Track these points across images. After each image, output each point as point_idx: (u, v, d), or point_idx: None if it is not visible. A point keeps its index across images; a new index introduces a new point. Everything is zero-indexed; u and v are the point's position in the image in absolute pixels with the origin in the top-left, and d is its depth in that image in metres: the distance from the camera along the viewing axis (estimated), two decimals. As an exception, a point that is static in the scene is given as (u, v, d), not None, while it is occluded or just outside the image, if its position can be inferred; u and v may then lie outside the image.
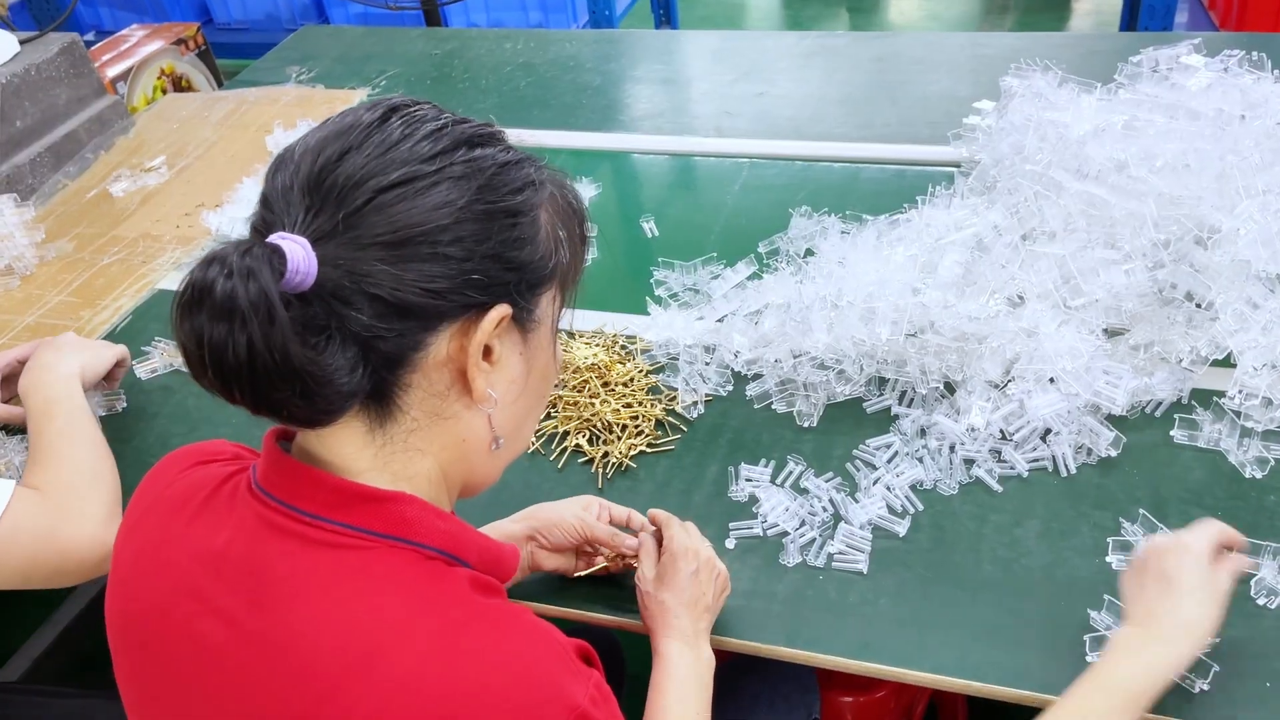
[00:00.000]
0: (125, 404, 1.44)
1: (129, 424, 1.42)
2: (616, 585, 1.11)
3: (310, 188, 0.66)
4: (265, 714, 0.66)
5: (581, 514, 1.07)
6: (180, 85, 2.75)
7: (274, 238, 0.63)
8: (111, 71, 2.51)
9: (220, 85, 2.82)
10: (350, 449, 0.70)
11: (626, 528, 1.10)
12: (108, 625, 0.77)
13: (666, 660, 0.95)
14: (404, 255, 0.65)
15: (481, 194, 0.68)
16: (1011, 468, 1.17)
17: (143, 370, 1.48)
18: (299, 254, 0.62)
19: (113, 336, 1.57)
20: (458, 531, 0.73)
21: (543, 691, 0.65)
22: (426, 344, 0.68)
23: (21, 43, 1.94)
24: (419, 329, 0.67)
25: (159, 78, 2.68)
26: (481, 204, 0.68)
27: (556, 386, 1.34)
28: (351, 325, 0.64)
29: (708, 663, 0.97)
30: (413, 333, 0.67)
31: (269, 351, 0.61)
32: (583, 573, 1.10)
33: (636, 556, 1.05)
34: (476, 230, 0.67)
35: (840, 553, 1.10)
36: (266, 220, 0.67)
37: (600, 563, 1.10)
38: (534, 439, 1.29)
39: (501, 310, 0.70)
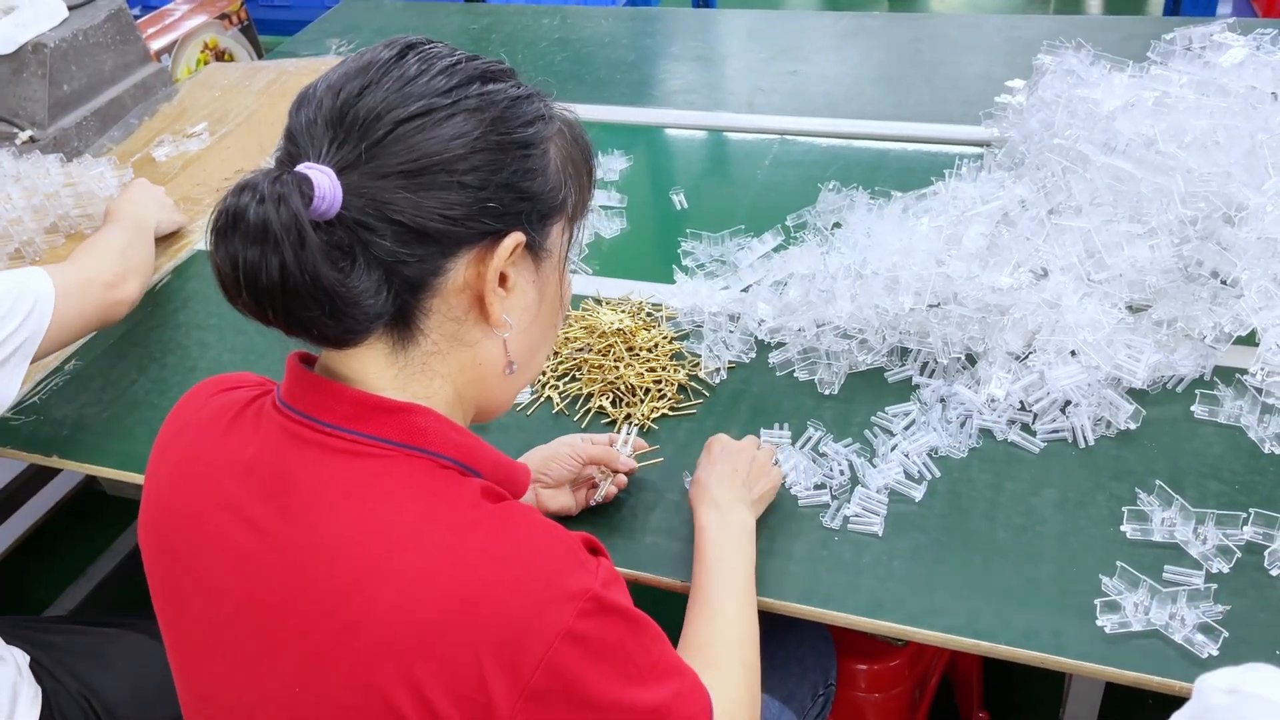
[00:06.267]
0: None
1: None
2: (625, 546, 1.14)
3: (333, 121, 0.69)
4: (293, 611, 0.70)
5: (574, 442, 1.13)
6: (223, 59, 2.79)
7: (301, 167, 0.66)
8: (156, 44, 2.55)
9: (261, 59, 2.86)
10: (373, 369, 0.74)
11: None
12: (141, 542, 0.81)
13: (701, 529, 1.04)
14: (423, 183, 0.68)
15: (495, 126, 0.71)
16: (1032, 436, 1.18)
17: None
18: (325, 182, 0.66)
19: (153, 294, 1.62)
20: (471, 444, 0.77)
21: (556, 577, 0.69)
22: (446, 269, 0.72)
23: (70, 8, 1.98)
24: (439, 254, 0.71)
25: (202, 51, 2.72)
26: (495, 134, 0.71)
27: (582, 350, 1.37)
28: (375, 250, 0.68)
29: (739, 524, 1.04)
30: (433, 258, 0.71)
31: (301, 272, 0.64)
32: (592, 501, 1.15)
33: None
34: (491, 160, 0.71)
35: (856, 515, 1.12)
36: (291, 154, 0.70)
37: (602, 488, 1.14)
38: (559, 399, 1.32)
39: (516, 238, 0.73)
